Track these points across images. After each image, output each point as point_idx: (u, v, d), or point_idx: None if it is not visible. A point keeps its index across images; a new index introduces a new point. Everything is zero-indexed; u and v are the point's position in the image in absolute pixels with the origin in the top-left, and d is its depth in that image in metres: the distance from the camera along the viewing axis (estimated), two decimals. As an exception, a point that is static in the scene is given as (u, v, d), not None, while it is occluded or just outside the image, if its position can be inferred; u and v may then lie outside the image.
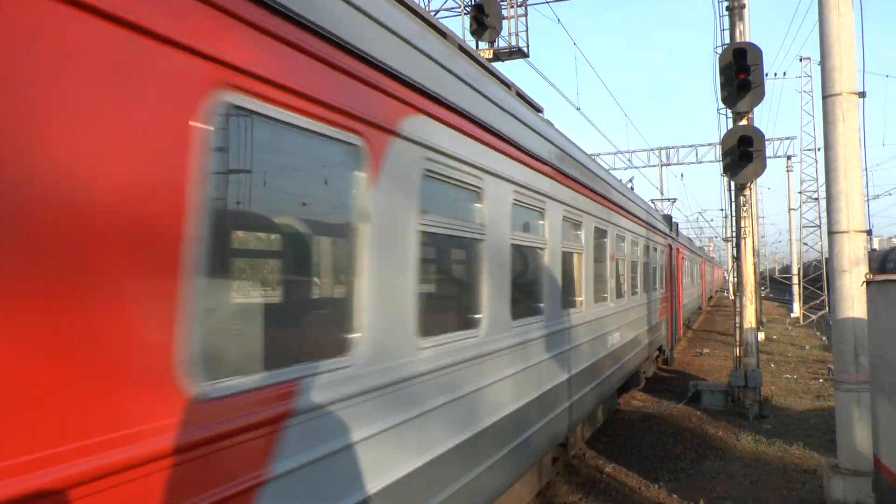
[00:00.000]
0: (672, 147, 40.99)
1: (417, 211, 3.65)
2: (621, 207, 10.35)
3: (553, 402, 6.37)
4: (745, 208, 13.36)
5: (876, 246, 51.75)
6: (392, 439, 3.36)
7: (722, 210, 45.37)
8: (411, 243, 3.57)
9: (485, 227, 4.65)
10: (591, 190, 8.12)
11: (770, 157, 37.02)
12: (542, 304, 6.05)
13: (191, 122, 2.20)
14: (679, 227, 25.63)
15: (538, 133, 6.10)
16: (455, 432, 4.15)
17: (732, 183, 13.40)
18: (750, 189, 13.40)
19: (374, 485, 3.13)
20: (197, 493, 2.17)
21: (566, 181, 6.91)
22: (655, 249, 14.81)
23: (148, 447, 1.98)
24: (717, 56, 12.67)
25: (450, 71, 4.13)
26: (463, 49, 4.78)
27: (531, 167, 5.76)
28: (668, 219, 17.57)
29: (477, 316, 4.61)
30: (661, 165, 41.21)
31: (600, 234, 8.70)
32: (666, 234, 16.81)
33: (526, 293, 5.87)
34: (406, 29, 3.60)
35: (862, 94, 7.83)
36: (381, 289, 3.25)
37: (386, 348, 3.29)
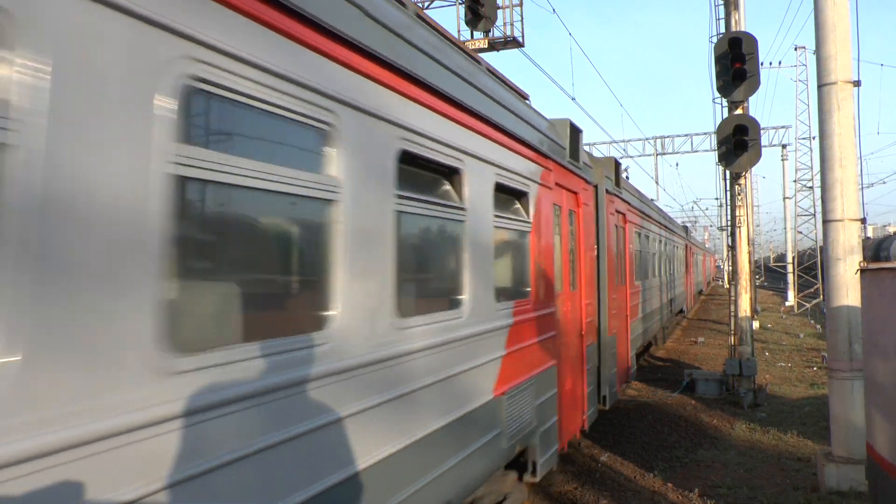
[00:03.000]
0: (667, 136, 41.06)
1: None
2: None
3: None
4: (740, 197, 13.39)
5: (870, 234, 52.00)
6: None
7: (717, 199, 45.48)
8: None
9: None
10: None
11: (765, 146, 37.13)
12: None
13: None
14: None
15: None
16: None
17: (728, 172, 13.43)
18: (745, 178, 13.43)
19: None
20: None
21: None
22: None
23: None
24: (713, 45, 12.66)
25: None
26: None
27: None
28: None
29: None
30: (657, 154, 41.21)
31: None
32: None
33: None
34: None
35: (857, 83, 7.83)
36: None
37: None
